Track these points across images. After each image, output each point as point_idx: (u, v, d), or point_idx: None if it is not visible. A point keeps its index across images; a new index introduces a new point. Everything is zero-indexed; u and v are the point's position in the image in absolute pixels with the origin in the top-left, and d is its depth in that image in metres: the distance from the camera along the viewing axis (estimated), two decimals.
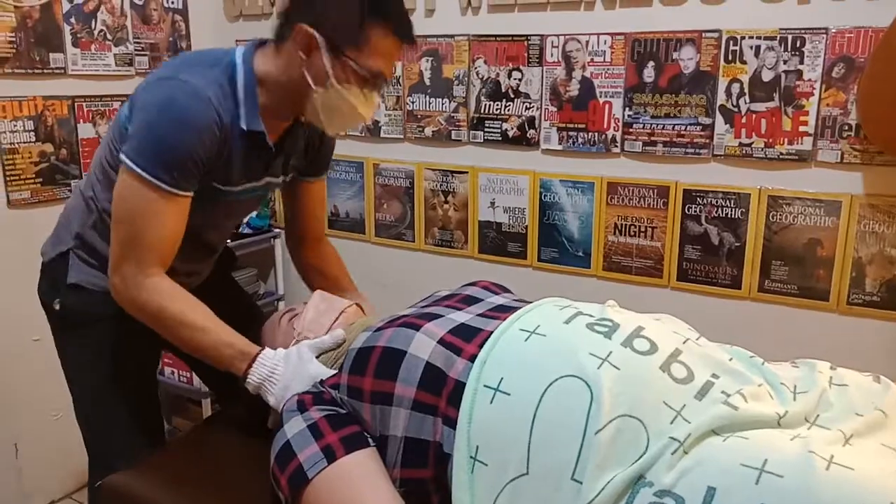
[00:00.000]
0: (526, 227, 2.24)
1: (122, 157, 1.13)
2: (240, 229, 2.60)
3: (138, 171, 1.11)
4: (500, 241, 2.29)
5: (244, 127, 1.18)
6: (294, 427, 1.03)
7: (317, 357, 1.21)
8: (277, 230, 2.71)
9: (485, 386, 0.95)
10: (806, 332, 1.89)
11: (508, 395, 0.93)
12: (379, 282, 2.52)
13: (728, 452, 0.81)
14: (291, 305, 1.41)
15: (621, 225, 2.08)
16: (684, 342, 0.99)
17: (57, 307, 1.36)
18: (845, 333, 1.84)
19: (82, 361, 1.38)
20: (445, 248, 2.40)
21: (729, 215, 1.94)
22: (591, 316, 1.03)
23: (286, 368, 1.18)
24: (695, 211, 1.98)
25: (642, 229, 2.06)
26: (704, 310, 1.99)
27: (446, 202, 2.36)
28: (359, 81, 1.15)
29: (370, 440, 1.03)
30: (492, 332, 1.03)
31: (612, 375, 0.89)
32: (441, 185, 2.36)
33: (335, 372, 1.16)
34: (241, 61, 1.18)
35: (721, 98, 1.89)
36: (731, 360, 0.99)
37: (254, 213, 2.68)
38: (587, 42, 2.03)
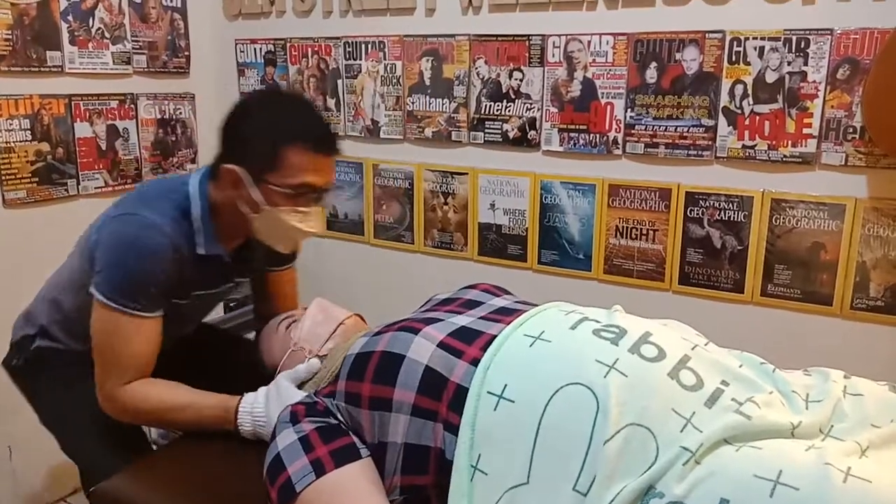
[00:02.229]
0: (526, 230, 2.22)
1: (94, 291, 1.24)
2: None
3: (110, 304, 1.22)
4: (500, 244, 2.27)
5: (202, 252, 1.29)
6: (285, 439, 1.03)
7: (298, 387, 1.22)
8: None
9: (488, 392, 0.93)
10: (809, 338, 1.87)
11: (513, 402, 0.91)
12: (378, 284, 2.50)
13: (741, 463, 0.80)
14: (291, 312, 1.39)
15: (623, 227, 2.06)
16: (693, 348, 0.98)
17: (21, 363, 1.47)
18: (849, 339, 1.82)
19: (54, 395, 1.45)
20: (445, 249, 2.38)
21: (732, 218, 1.92)
22: (597, 321, 1.01)
23: (268, 407, 1.20)
24: (697, 214, 1.96)
25: (644, 232, 2.04)
26: (706, 314, 1.97)
27: (446, 204, 2.34)
28: (288, 201, 1.23)
29: (363, 452, 1.01)
30: (494, 336, 1.01)
31: (619, 383, 0.87)
32: (441, 186, 2.34)
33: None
34: (194, 192, 1.29)
35: (724, 99, 1.87)
36: (741, 366, 0.98)
37: None
38: (589, 42, 2.01)
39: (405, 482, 0.99)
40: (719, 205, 1.92)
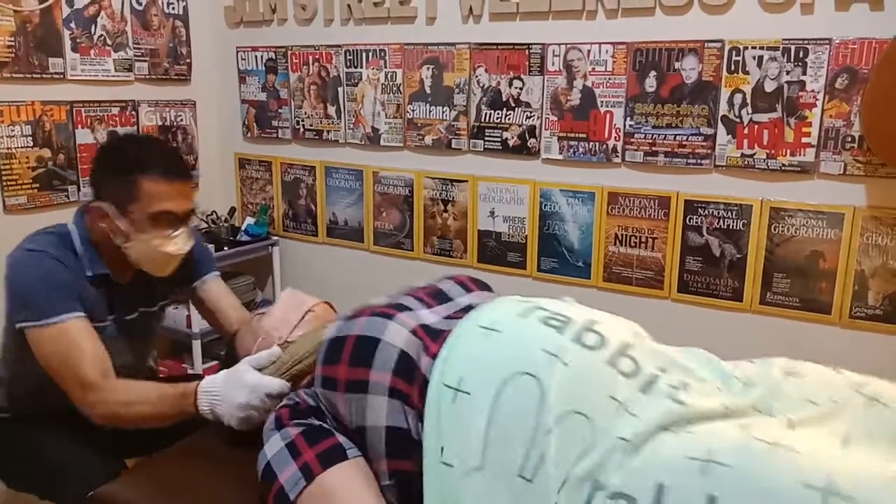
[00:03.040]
0: (526, 237, 2.22)
1: (19, 326, 1.31)
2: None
3: (34, 324, 1.30)
4: (499, 251, 2.28)
5: (90, 273, 1.38)
6: (273, 447, 1.04)
7: (260, 371, 1.23)
8: (275, 238, 2.70)
9: (445, 385, 0.96)
10: (808, 346, 1.87)
11: (468, 394, 0.93)
12: (377, 291, 2.50)
13: (675, 448, 0.83)
14: (264, 308, 1.42)
15: (622, 235, 2.07)
16: (635, 336, 1.02)
17: None
18: (847, 347, 1.82)
19: (10, 451, 1.49)
20: (444, 257, 2.38)
21: (730, 227, 1.92)
22: (546, 310, 1.04)
23: (224, 386, 1.22)
24: (696, 222, 1.96)
25: (643, 240, 2.04)
26: (705, 322, 1.97)
27: (446, 211, 2.35)
28: (153, 227, 1.35)
29: (350, 452, 1.02)
30: None
31: (561, 371, 0.91)
32: (440, 193, 2.35)
33: (285, 382, 1.18)
34: (72, 226, 1.41)
35: (723, 108, 1.87)
36: (683, 356, 1.01)
37: (252, 221, 2.67)
38: (589, 51, 2.02)
39: (392, 467, 1.01)
40: (718, 213, 1.93)
